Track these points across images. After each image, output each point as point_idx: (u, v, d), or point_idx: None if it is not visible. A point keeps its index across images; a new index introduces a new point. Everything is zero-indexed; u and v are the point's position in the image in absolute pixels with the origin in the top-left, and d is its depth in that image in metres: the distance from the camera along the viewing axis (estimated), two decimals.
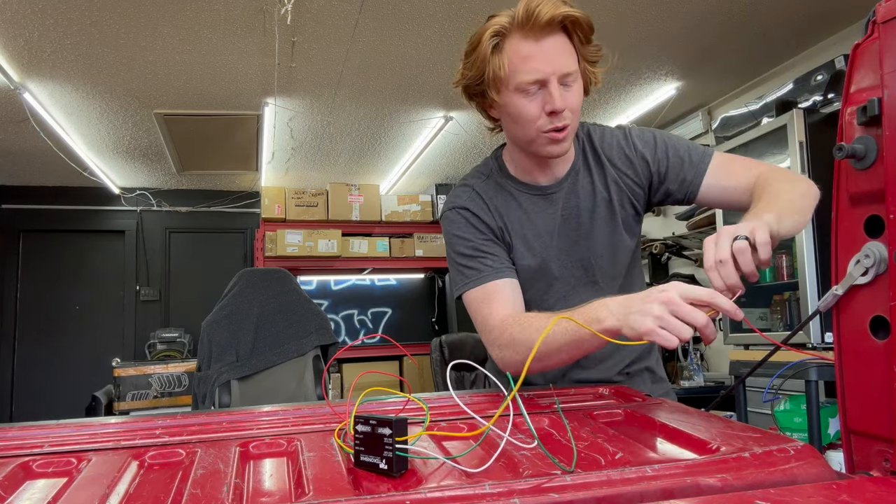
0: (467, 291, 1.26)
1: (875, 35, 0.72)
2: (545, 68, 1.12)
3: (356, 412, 0.74)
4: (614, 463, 0.71)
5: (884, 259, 0.71)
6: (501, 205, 1.32)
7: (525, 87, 1.14)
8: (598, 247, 1.32)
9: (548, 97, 1.14)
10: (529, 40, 1.12)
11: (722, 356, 3.80)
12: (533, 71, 1.12)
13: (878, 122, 0.71)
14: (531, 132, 1.19)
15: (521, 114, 1.17)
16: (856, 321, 0.76)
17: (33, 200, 5.61)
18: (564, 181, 1.32)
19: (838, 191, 0.78)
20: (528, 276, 1.31)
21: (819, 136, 2.71)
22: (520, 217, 1.31)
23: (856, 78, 0.75)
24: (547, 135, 1.18)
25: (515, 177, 1.34)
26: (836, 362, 0.79)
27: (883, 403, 0.71)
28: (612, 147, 1.33)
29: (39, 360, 5.59)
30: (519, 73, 1.14)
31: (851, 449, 0.77)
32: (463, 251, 1.28)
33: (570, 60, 1.14)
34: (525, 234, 1.31)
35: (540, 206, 1.32)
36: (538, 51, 1.12)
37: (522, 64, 1.13)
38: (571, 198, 1.31)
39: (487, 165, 1.38)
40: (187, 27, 2.93)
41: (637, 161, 1.31)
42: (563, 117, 1.16)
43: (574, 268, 1.32)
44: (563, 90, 1.14)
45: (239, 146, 4.62)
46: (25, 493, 0.69)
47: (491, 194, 1.32)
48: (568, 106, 1.15)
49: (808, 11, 2.98)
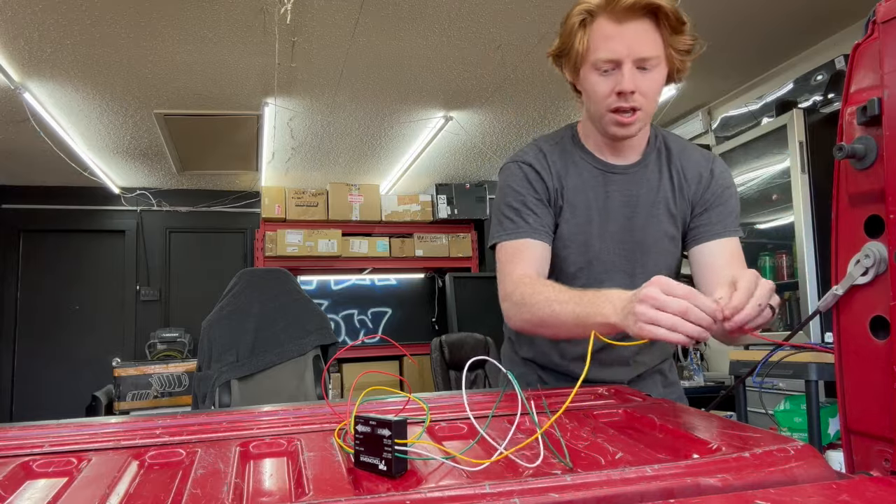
0: (502, 242, 1.29)
1: (875, 35, 0.72)
2: (621, 50, 1.15)
3: (356, 412, 0.74)
4: (614, 463, 0.71)
5: (884, 259, 0.71)
6: (563, 168, 1.32)
7: (600, 65, 1.17)
8: (647, 242, 1.32)
9: (619, 77, 1.17)
10: (613, 21, 1.15)
11: (722, 356, 3.80)
12: (609, 51, 1.16)
13: (878, 122, 0.71)
14: (601, 109, 1.22)
15: (594, 90, 1.21)
16: (856, 321, 0.76)
17: (33, 200, 5.61)
18: (631, 168, 1.32)
19: (838, 191, 0.78)
20: (567, 245, 1.31)
21: (819, 136, 2.71)
22: (577, 185, 1.32)
23: (856, 78, 0.75)
24: (614, 114, 1.20)
25: (586, 147, 1.35)
26: (836, 362, 0.79)
27: (883, 403, 0.71)
28: (690, 159, 1.35)
29: (39, 360, 5.59)
30: (597, 50, 1.17)
31: (851, 449, 0.77)
32: (512, 203, 1.30)
33: (650, 46, 1.16)
34: (576, 202, 1.31)
35: (600, 181, 1.32)
36: (618, 32, 1.15)
37: (602, 43, 1.16)
38: (633, 185, 1.32)
39: (560, 133, 1.39)
40: (187, 27, 2.93)
41: (705, 181, 1.33)
42: (632, 99, 1.18)
43: (616, 254, 1.32)
44: (638, 74, 1.17)
45: (239, 146, 4.62)
46: (25, 493, 0.69)
47: (555, 157, 1.33)
48: (640, 90, 1.18)
49: (808, 11, 2.98)
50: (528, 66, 3.45)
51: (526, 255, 1.25)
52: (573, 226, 1.31)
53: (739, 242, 1.33)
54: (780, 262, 2.90)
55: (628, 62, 1.16)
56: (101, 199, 5.69)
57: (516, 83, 3.69)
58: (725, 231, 1.31)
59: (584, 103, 1.30)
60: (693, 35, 1.21)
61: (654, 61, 1.17)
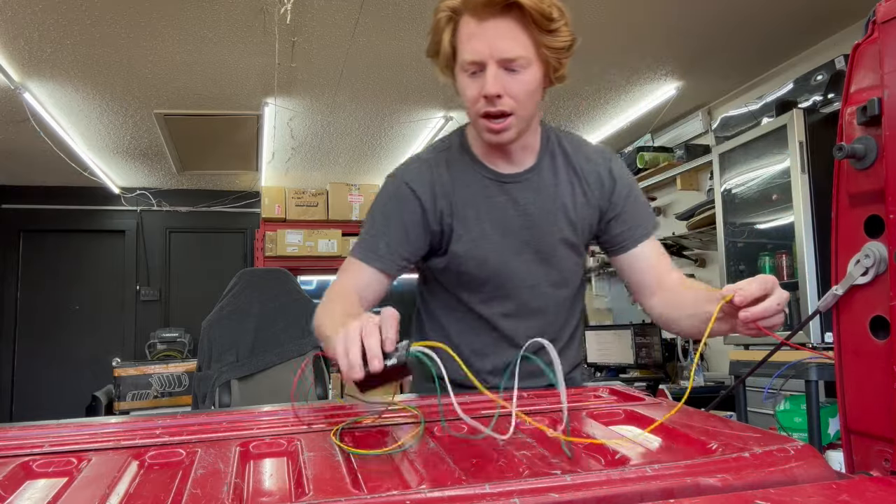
0: (350, 256, 1.25)
1: (875, 35, 0.72)
2: (483, 50, 1.08)
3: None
4: (614, 463, 0.71)
5: (884, 259, 0.71)
6: (451, 183, 1.24)
7: (466, 67, 1.11)
8: (546, 251, 1.26)
9: (484, 80, 1.10)
10: (475, 20, 1.09)
11: (722, 356, 3.80)
12: (472, 51, 1.09)
13: (878, 122, 0.71)
14: (472, 113, 1.16)
15: (463, 93, 1.15)
16: (856, 321, 0.76)
17: (33, 200, 5.61)
18: (524, 174, 1.25)
19: (838, 191, 0.78)
20: (464, 262, 1.25)
21: (819, 136, 2.70)
22: (467, 199, 1.24)
23: (856, 78, 0.75)
24: (484, 120, 1.14)
25: (475, 154, 1.27)
26: (836, 362, 0.79)
27: (883, 403, 0.71)
28: (589, 160, 1.28)
29: (39, 360, 5.59)
30: (462, 52, 1.11)
31: (851, 449, 0.77)
32: (375, 222, 1.25)
33: (514, 45, 1.08)
34: (468, 218, 1.24)
35: (493, 192, 1.25)
36: (480, 31, 1.08)
37: (466, 43, 1.10)
38: (528, 193, 1.25)
39: (450, 138, 1.31)
40: (187, 27, 2.93)
41: (607, 184, 1.28)
42: (500, 103, 1.11)
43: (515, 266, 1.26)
44: (505, 75, 1.09)
45: (239, 146, 4.62)
46: (25, 493, 0.69)
47: (442, 170, 1.25)
48: (508, 92, 1.10)
49: (808, 11, 2.98)
50: None
51: (357, 277, 1.21)
52: (467, 242, 1.24)
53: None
54: (780, 262, 2.90)
55: (492, 63, 1.08)
56: (101, 199, 5.69)
57: None
58: (647, 232, 1.28)
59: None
60: (567, 31, 1.14)
61: (521, 62, 1.09)
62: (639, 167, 4.16)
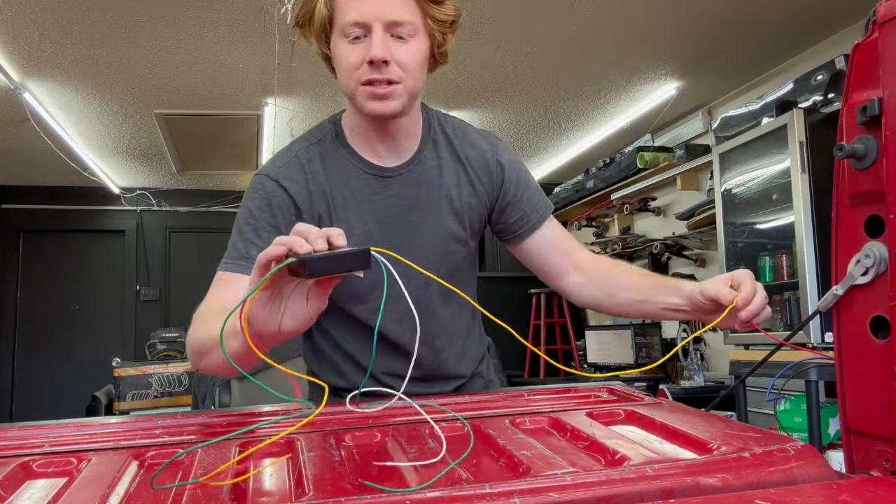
0: (219, 269, 1.09)
1: (875, 35, 0.72)
2: (367, 10, 0.99)
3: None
4: (614, 463, 0.71)
5: (884, 259, 0.71)
6: (328, 181, 1.13)
7: (348, 30, 1.01)
8: (436, 246, 1.17)
9: (369, 44, 1.00)
10: None
11: (722, 356, 3.80)
12: (354, 11, 1.00)
13: (878, 122, 0.71)
14: (352, 83, 1.04)
15: (341, 60, 1.04)
16: (856, 321, 0.76)
17: (33, 200, 5.61)
18: (406, 166, 1.15)
19: (838, 191, 0.78)
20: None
21: (819, 135, 2.70)
22: (347, 198, 1.13)
23: (856, 78, 0.75)
24: (366, 87, 1.02)
25: (352, 147, 1.15)
26: (836, 362, 0.79)
27: (883, 403, 0.71)
28: (474, 146, 1.20)
29: (39, 360, 5.60)
30: (342, 13, 1.02)
31: (851, 449, 0.77)
32: (242, 227, 1.11)
33: (402, 9, 1.01)
34: (350, 219, 1.13)
35: (373, 188, 1.14)
36: None
37: (347, 3, 1.01)
38: (412, 187, 1.15)
39: (323, 129, 1.18)
40: (187, 27, 2.93)
41: (495, 172, 1.20)
42: (388, 70, 1.01)
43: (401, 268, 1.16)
44: (392, 42, 1.01)
45: (239, 146, 4.62)
46: (25, 493, 0.69)
47: (317, 166, 1.13)
48: (397, 60, 1.01)
49: (808, 11, 2.98)
50: (528, 66, 3.45)
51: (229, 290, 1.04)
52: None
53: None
54: (780, 262, 2.90)
55: (378, 26, 0.99)
56: (101, 199, 5.69)
57: (516, 83, 3.69)
58: (544, 215, 1.23)
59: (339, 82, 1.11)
60: (454, 7, 1.07)
61: (408, 28, 1.01)
62: (639, 167, 4.17)
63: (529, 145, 4.86)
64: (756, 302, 0.95)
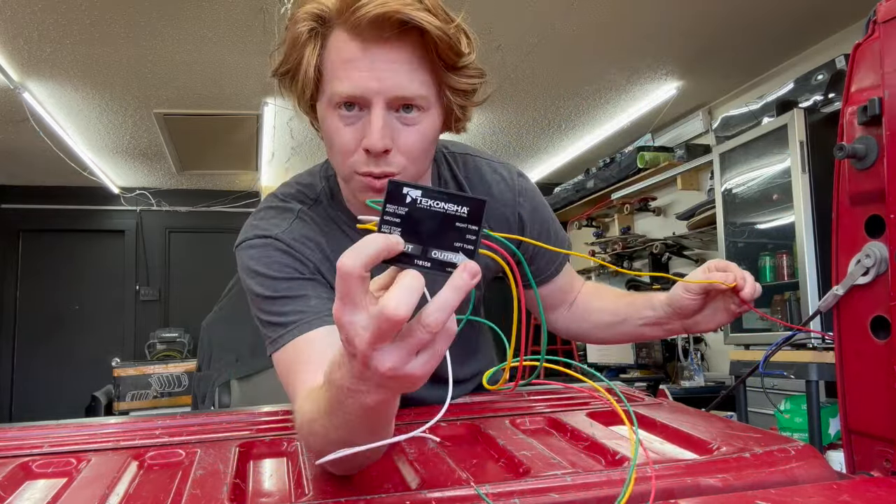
0: (277, 355, 0.85)
1: (875, 35, 0.72)
2: (368, 83, 0.76)
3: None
4: (614, 463, 0.71)
5: (884, 259, 0.71)
6: (330, 247, 0.92)
7: (340, 102, 0.79)
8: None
9: (367, 126, 0.78)
10: (356, 41, 0.76)
11: (722, 356, 3.80)
12: (349, 82, 0.77)
13: (878, 122, 0.71)
14: (345, 169, 0.83)
15: (331, 139, 0.82)
16: (856, 321, 0.76)
17: (33, 200, 5.61)
18: None
19: (839, 191, 0.78)
20: None
21: (819, 135, 2.70)
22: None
23: (856, 78, 0.75)
24: (363, 178, 0.81)
25: (351, 211, 0.95)
26: (836, 362, 0.79)
27: (883, 403, 0.71)
28: (491, 195, 1.02)
29: (39, 360, 5.60)
30: (335, 80, 0.78)
31: (852, 449, 0.77)
32: (265, 293, 0.87)
33: (411, 83, 0.77)
34: None
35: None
36: (363, 57, 0.76)
37: (341, 69, 0.77)
38: None
39: (315, 187, 0.98)
40: (187, 27, 2.93)
41: (514, 226, 1.04)
42: (386, 162, 0.80)
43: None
44: (396, 122, 0.79)
45: (239, 146, 4.62)
46: (25, 493, 0.69)
47: (316, 229, 0.93)
48: (400, 146, 0.80)
49: (808, 11, 2.98)
50: (528, 66, 3.45)
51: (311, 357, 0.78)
52: None
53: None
54: (781, 262, 2.90)
55: (379, 102, 0.77)
56: (101, 198, 5.69)
57: (516, 83, 3.69)
58: (559, 267, 1.14)
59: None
60: (476, 69, 0.84)
61: (419, 104, 0.79)
62: (639, 167, 4.17)
63: (529, 145, 4.86)
64: (750, 278, 0.94)
